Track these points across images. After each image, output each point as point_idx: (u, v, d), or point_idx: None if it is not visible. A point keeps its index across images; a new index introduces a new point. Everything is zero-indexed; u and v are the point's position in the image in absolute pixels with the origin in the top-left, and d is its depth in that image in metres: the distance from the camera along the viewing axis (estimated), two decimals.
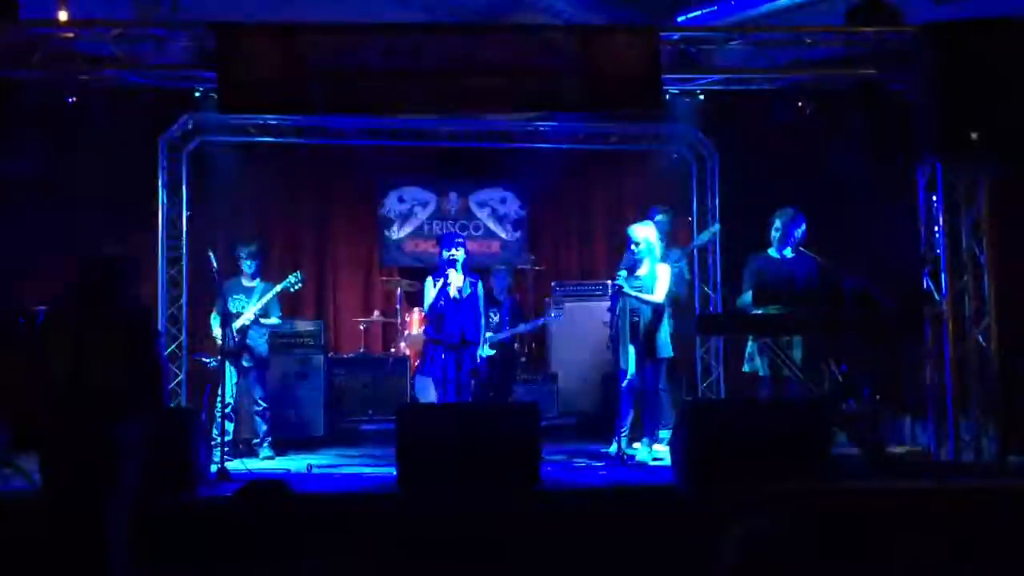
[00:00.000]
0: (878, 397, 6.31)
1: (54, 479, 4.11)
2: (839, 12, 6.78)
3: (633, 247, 6.57)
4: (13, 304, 6.96)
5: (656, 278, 6.58)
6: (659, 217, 7.57)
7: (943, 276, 6.41)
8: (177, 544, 4.77)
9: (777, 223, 6.56)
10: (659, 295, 6.59)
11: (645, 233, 6.61)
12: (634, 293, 6.47)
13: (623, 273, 6.50)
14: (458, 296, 6.68)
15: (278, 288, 7.21)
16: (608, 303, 6.91)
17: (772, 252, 6.61)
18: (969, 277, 6.46)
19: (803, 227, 6.54)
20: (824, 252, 6.73)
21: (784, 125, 7.63)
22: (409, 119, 8.60)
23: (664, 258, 6.86)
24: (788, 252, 6.54)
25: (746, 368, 6.60)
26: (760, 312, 6.27)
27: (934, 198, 6.51)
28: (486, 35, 6.62)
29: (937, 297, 6.41)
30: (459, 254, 6.72)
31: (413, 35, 6.44)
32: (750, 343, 6.50)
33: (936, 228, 6.49)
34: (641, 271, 6.56)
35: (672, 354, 6.65)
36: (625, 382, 6.55)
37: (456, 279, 6.67)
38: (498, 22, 8.01)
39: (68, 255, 7.51)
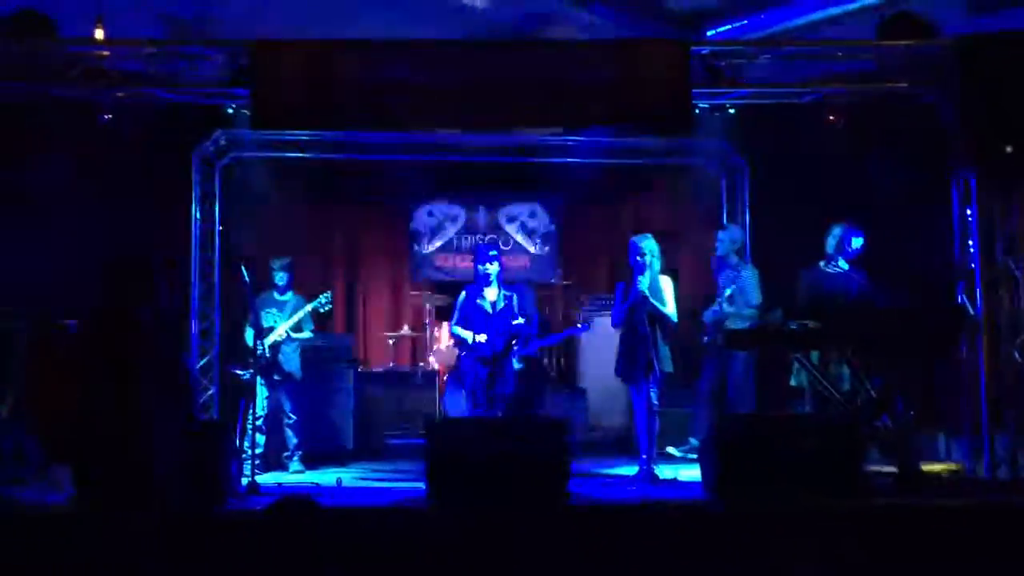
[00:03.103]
0: (912, 413, 6.23)
1: (85, 488, 4.16)
2: (870, 25, 6.74)
3: (639, 258, 6.53)
4: (48, 318, 7.05)
5: (663, 291, 6.56)
6: (721, 233, 7.56)
7: (977, 291, 6.33)
8: (206, 557, 4.80)
9: (835, 235, 6.53)
10: (672, 309, 6.58)
11: (647, 245, 6.59)
12: (655, 302, 6.44)
13: (645, 281, 6.45)
14: (491, 310, 6.70)
15: (308, 308, 7.28)
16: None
17: (824, 265, 6.57)
18: (1004, 292, 6.37)
19: (860, 240, 6.51)
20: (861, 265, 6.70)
21: (815, 139, 7.58)
22: (439, 134, 8.66)
23: (715, 275, 6.88)
24: (843, 265, 6.51)
25: (793, 382, 6.57)
26: (791, 327, 6.22)
27: (968, 212, 6.44)
28: (516, 51, 6.66)
29: (971, 312, 6.33)
30: (494, 268, 6.74)
31: (443, 51, 6.49)
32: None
33: (970, 242, 6.42)
34: (643, 281, 6.50)
35: (671, 369, 6.61)
36: (638, 397, 6.53)
37: (491, 292, 6.70)
38: (528, 38, 8.03)
39: (101, 271, 7.69)
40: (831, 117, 7.21)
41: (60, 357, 6.18)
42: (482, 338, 6.76)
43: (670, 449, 7.17)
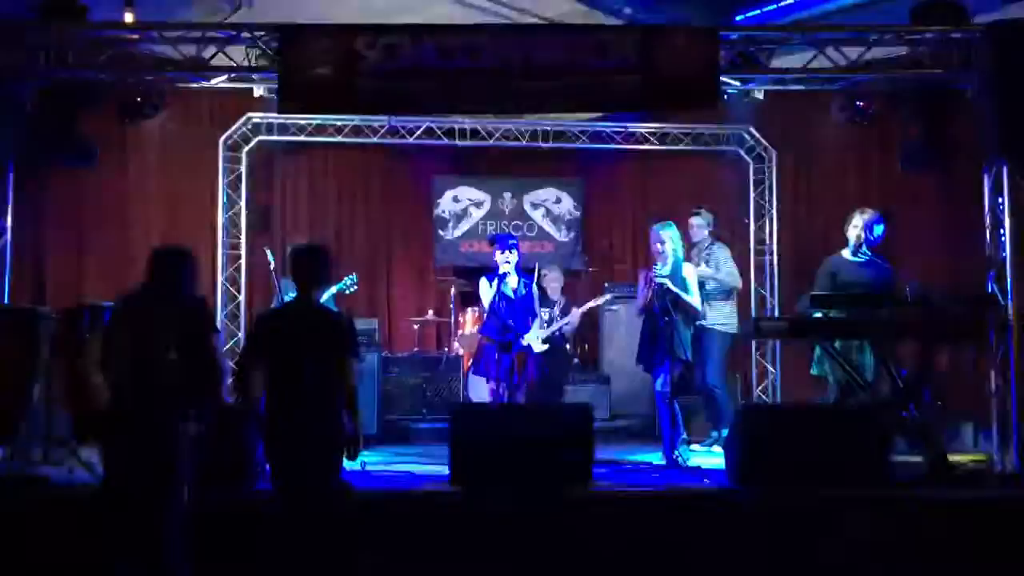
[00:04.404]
0: (939, 403, 6.17)
1: (114, 471, 4.20)
2: (903, 11, 6.65)
3: (659, 246, 6.51)
4: (77, 300, 7.13)
5: (687, 280, 6.53)
6: (697, 220, 7.51)
7: (1009, 281, 6.25)
8: (232, 538, 4.84)
9: (856, 223, 6.46)
10: (697, 299, 6.55)
11: (668, 233, 6.56)
12: (677, 290, 6.42)
13: (664, 269, 6.43)
14: (512, 297, 6.71)
15: (333, 290, 7.30)
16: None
17: (847, 254, 6.52)
18: None
19: (882, 227, 6.44)
20: (885, 254, 6.63)
21: (844, 125, 7.51)
22: (465, 119, 8.65)
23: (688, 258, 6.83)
24: (865, 253, 6.45)
25: (814, 371, 6.52)
26: (818, 316, 6.18)
27: (1000, 200, 6.35)
28: (543, 35, 6.62)
29: (1002, 301, 6.26)
30: (512, 256, 6.74)
31: (469, 36, 6.47)
32: (818, 346, 6.43)
33: (1002, 231, 6.34)
34: (663, 270, 6.48)
35: (688, 357, 6.58)
36: (659, 385, 6.52)
37: (511, 280, 6.70)
38: (556, 23, 7.98)
39: (130, 252, 7.77)
40: (861, 103, 7.13)
41: (91, 339, 6.23)
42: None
43: (694, 446, 7.17)
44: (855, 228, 6.48)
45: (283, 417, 4.22)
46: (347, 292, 7.42)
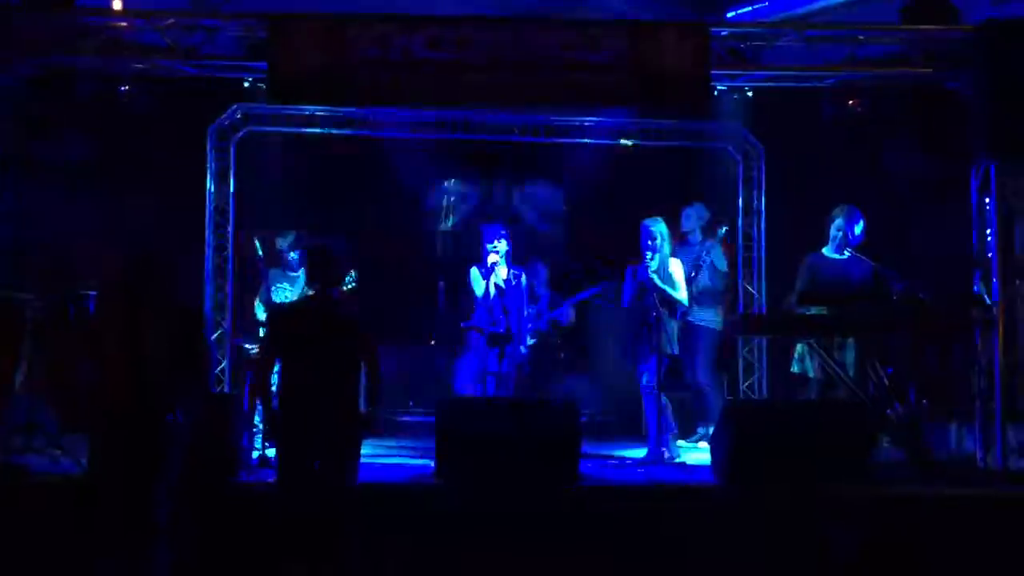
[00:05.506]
0: (924, 401, 6.19)
1: (102, 464, 4.18)
2: (893, 9, 6.66)
3: (649, 242, 6.52)
4: (64, 290, 7.07)
5: (673, 275, 6.54)
6: (689, 210, 7.55)
7: (994, 280, 6.28)
8: (218, 528, 4.83)
9: (838, 221, 6.48)
10: (684, 293, 6.58)
11: (657, 229, 6.57)
12: (664, 286, 6.43)
13: (652, 264, 6.44)
14: (504, 287, 6.70)
15: None
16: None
17: (827, 251, 6.53)
18: (1022, 281, 6.31)
19: (862, 225, 6.46)
20: (873, 253, 6.64)
21: (834, 124, 7.51)
22: (455, 112, 8.61)
23: (675, 253, 6.85)
24: (846, 252, 6.47)
25: (795, 369, 6.54)
26: (805, 313, 6.19)
27: (987, 200, 6.38)
28: (533, 29, 6.61)
29: (988, 301, 6.28)
30: (502, 246, 6.73)
31: (460, 28, 6.45)
32: (800, 344, 6.44)
33: (988, 231, 6.36)
34: (651, 265, 6.48)
35: (676, 351, 6.60)
36: (644, 380, 6.53)
37: (501, 271, 6.69)
38: (546, 16, 7.96)
39: (117, 243, 7.71)
40: (851, 102, 7.13)
41: (77, 328, 6.20)
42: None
43: (680, 442, 7.18)
44: (836, 226, 6.51)
45: (299, 414, 4.24)
46: (345, 288, 7.38)
